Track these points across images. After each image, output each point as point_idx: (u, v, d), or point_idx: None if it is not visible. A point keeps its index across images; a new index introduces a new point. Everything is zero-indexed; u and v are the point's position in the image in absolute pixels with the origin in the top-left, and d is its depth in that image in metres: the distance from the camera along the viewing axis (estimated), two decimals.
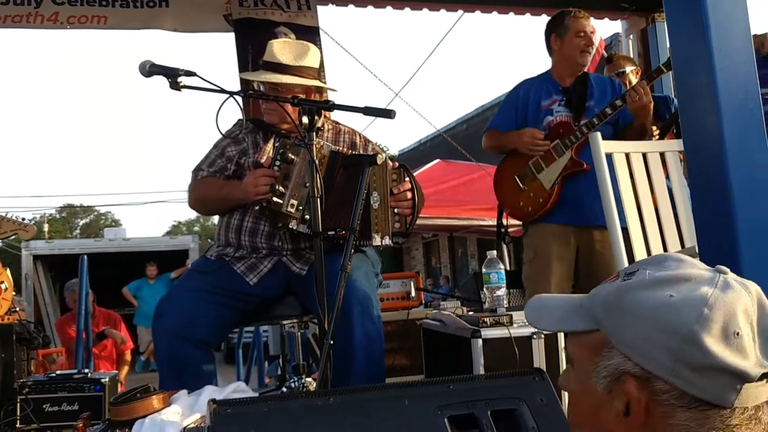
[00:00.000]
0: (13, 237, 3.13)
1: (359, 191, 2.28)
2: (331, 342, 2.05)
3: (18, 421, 3.37)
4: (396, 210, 2.57)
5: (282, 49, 2.77)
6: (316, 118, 2.35)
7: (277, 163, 2.56)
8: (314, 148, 2.35)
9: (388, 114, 2.27)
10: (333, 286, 2.19)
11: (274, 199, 2.52)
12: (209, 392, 2.17)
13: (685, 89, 2.14)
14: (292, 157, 2.55)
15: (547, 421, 1.65)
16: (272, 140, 2.75)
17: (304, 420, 1.59)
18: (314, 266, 2.26)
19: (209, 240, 16.35)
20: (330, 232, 2.44)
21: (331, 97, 2.98)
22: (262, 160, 2.73)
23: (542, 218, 3.44)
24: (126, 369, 6.57)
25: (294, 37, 5.09)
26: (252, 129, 2.88)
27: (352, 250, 2.21)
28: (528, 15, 5.15)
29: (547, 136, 3.41)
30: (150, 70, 2.35)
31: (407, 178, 2.63)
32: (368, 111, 2.33)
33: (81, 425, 2.00)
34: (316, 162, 2.33)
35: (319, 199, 2.28)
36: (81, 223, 53.47)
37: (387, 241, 2.52)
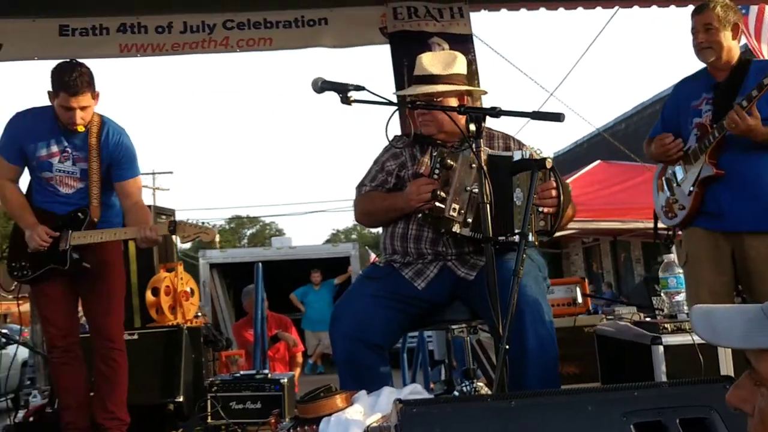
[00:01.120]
0: (197, 240, 3.40)
1: (530, 194, 2.28)
2: (507, 347, 2.07)
3: (209, 417, 3.66)
4: (540, 208, 2.54)
5: (431, 61, 2.89)
6: (483, 124, 2.38)
7: (437, 170, 2.63)
8: (480, 154, 2.38)
9: (557, 117, 2.26)
10: (502, 291, 2.21)
11: (437, 204, 2.59)
12: (388, 393, 2.25)
13: None
14: (451, 163, 2.61)
15: None
16: (429, 151, 2.83)
17: (487, 422, 1.61)
18: (483, 271, 2.28)
19: (366, 247, 16.79)
20: (501, 238, 2.46)
21: (493, 102, 3.01)
22: (422, 170, 2.81)
23: (689, 223, 3.24)
24: (298, 371, 6.91)
25: (447, 47, 5.16)
26: (409, 143, 2.98)
27: (525, 256, 2.21)
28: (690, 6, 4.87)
29: (697, 139, 3.20)
30: (322, 86, 2.48)
31: (552, 178, 2.58)
32: (536, 116, 2.33)
33: (273, 421, 2.14)
34: (485, 168, 2.35)
35: (488, 205, 2.31)
36: (248, 233, 56.72)
37: (530, 238, 2.50)
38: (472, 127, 2.36)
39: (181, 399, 4.03)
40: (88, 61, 3.36)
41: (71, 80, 3.17)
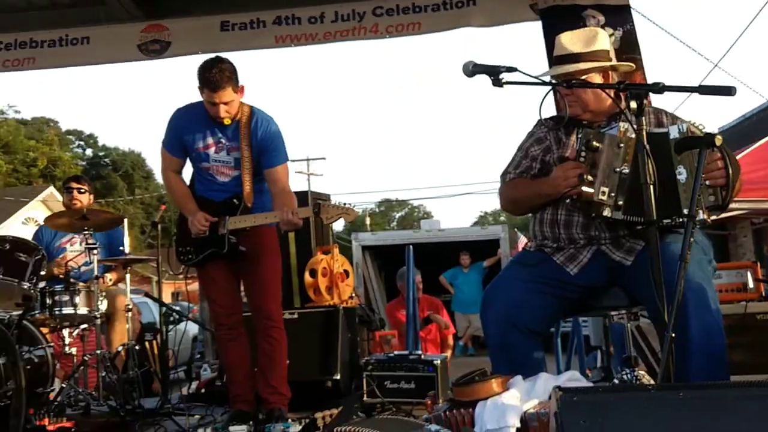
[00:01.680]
0: (340, 220, 3.50)
1: (698, 173, 2.14)
2: (672, 335, 1.97)
3: (365, 395, 3.77)
4: (708, 182, 2.37)
5: (571, 39, 2.78)
6: (646, 101, 2.26)
7: (583, 153, 2.54)
8: (625, 133, 2.27)
9: (727, 91, 2.10)
10: (665, 277, 2.10)
11: (584, 188, 2.50)
12: (545, 379, 2.21)
13: None
14: (597, 144, 2.50)
15: None
16: (575, 133, 2.72)
17: (652, 413, 1.55)
18: (641, 256, 2.17)
19: (516, 230, 16.54)
20: (666, 221, 2.34)
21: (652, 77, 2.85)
22: (567, 154, 2.72)
23: None
24: (449, 352, 6.95)
25: (603, 19, 4.95)
26: (552, 126, 2.88)
27: (692, 239, 2.09)
28: None
29: None
30: (473, 69, 2.45)
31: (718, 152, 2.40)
32: (704, 90, 2.18)
33: (429, 402, 2.17)
34: (647, 147, 2.24)
35: (652, 186, 2.20)
36: (397, 216, 57.65)
37: (702, 216, 2.33)
38: (633, 104, 2.25)
39: (338, 377, 4.19)
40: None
41: (212, 77, 3.35)
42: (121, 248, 4.77)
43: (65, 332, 4.33)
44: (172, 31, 5.26)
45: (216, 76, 3.34)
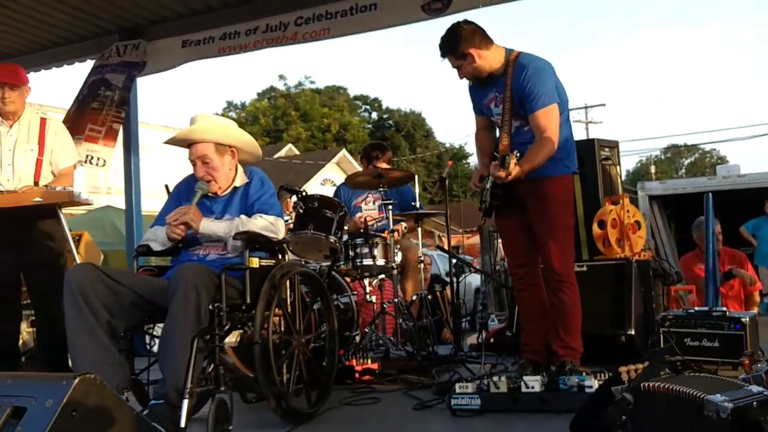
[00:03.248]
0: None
1: None
2: None
3: (663, 352, 3.57)
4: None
5: None
6: None
7: None
8: None
9: None
10: None
11: None
12: None
13: None
14: None
15: None
16: None
17: None
18: None
19: None
20: None
21: None
22: None
23: None
24: (756, 310, 6.31)
25: None
26: None
27: None
28: None
29: None
30: None
31: None
32: None
33: (747, 362, 1.98)
34: None
35: None
36: (686, 163, 53.43)
37: None
38: None
39: (632, 332, 4.02)
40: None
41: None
42: (413, 203, 5.02)
43: (366, 282, 4.70)
44: None
45: (440, 45, 3.59)
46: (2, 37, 6.82)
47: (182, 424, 2.54)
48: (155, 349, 4.88)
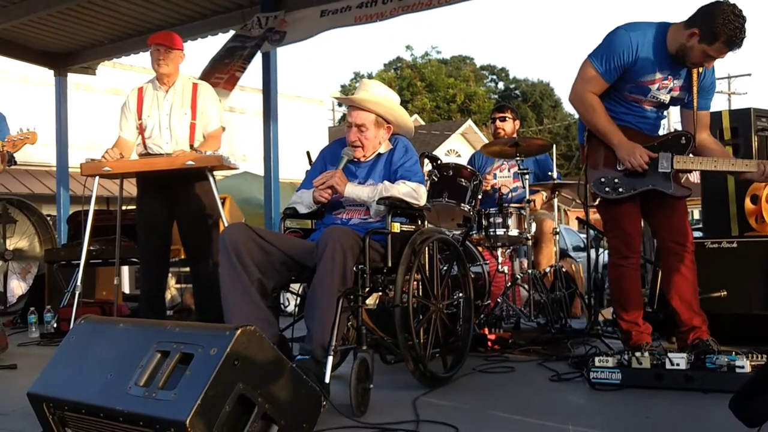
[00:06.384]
0: None
1: None
2: None
3: None
4: None
5: None
6: None
7: None
8: None
9: None
10: None
11: None
12: None
13: None
14: None
15: None
16: None
17: None
18: None
19: None
20: None
21: None
22: None
23: None
24: None
25: None
26: None
27: None
28: None
29: None
30: None
31: None
32: None
33: None
34: None
35: None
36: None
37: None
38: None
39: None
40: None
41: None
42: (550, 173, 4.92)
43: (498, 252, 4.67)
44: None
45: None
46: (154, 10, 7.23)
47: (326, 379, 2.64)
48: (289, 309, 5.10)
